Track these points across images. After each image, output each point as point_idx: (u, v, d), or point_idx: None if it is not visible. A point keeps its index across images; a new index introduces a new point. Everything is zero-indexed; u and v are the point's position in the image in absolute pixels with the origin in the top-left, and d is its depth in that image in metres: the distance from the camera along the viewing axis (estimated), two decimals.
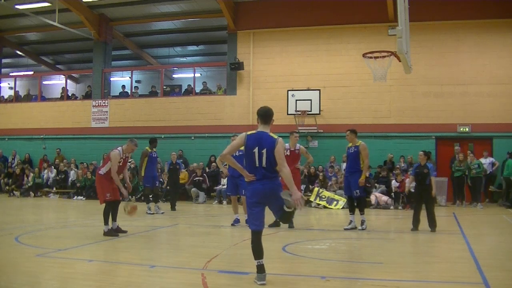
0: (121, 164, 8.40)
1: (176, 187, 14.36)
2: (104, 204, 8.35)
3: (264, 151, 5.07)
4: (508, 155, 15.08)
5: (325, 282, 5.24)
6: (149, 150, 12.44)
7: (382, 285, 5.24)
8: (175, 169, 14.07)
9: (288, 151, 9.42)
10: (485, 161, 15.26)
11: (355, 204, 9.51)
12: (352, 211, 9.53)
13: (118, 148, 8.43)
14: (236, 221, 9.80)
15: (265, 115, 5.25)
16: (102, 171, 8.30)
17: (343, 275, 5.69)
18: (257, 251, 5.12)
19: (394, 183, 14.68)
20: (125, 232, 8.54)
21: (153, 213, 12.19)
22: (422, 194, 9.25)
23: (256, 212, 5.16)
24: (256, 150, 5.10)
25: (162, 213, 12.38)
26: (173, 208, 13.44)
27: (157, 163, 12.83)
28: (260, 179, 5.11)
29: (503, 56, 16.16)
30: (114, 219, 8.51)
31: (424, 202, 9.21)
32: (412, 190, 13.89)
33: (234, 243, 7.78)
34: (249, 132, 5.26)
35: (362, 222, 9.41)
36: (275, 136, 5.16)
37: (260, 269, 5.08)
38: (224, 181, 15.73)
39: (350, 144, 9.65)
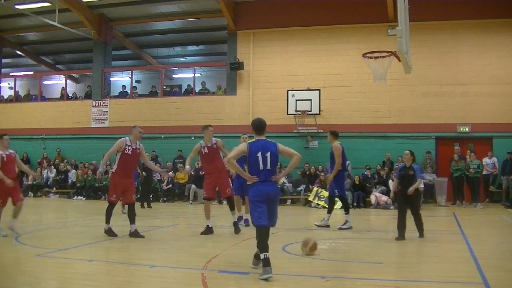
0: (129, 153, 8.12)
1: (149, 186, 14.63)
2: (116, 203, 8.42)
3: (269, 154, 5.65)
4: (509, 155, 15.09)
5: (325, 282, 5.24)
6: None
7: (382, 285, 5.24)
8: (148, 168, 14.06)
9: (206, 148, 8.74)
10: (489, 161, 15.26)
11: (337, 203, 9.73)
12: (346, 211, 9.63)
13: (125, 137, 8.28)
14: (239, 218, 9.67)
15: (259, 127, 5.82)
16: (114, 168, 8.26)
17: (343, 275, 5.69)
18: (263, 245, 5.39)
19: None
20: (142, 237, 8.07)
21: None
22: (407, 198, 8.32)
23: (260, 210, 5.55)
24: (259, 154, 5.63)
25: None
26: (148, 206, 14.01)
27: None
28: (263, 181, 5.61)
29: (503, 56, 16.15)
30: (132, 222, 8.18)
31: (409, 206, 8.37)
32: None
33: (234, 243, 7.77)
34: (249, 141, 5.84)
35: (326, 218, 9.63)
36: (273, 141, 5.82)
37: (267, 262, 5.26)
38: None
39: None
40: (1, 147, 8.19)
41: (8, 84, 25.12)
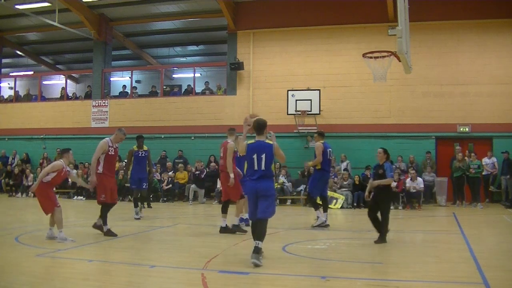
0: (112, 153, 8.35)
1: (149, 186, 13.95)
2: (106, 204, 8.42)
3: (264, 155, 6.17)
4: (505, 155, 15.05)
5: (325, 282, 5.24)
6: (135, 149, 11.51)
7: (382, 285, 5.25)
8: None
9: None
10: (489, 161, 15.25)
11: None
12: (324, 209, 9.73)
13: (106, 138, 8.44)
14: (240, 220, 9.69)
15: (258, 128, 6.34)
16: (99, 169, 8.26)
17: (343, 275, 5.69)
18: (254, 235, 6.04)
19: (392, 184, 14.59)
20: (115, 235, 8.27)
21: (139, 218, 11.11)
22: (377, 197, 8.11)
23: (253, 206, 6.19)
24: (255, 156, 6.19)
25: (140, 217, 11.19)
26: (148, 206, 13.88)
27: (147, 164, 12.10)
28: (256, 179, 6.16)
29: (503, 56, 16.14)
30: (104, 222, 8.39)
31: (379, 206, 8.10)
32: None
33: (234, 243, 7.77)
34: (249, 142, 6.37)
35: (317, 219, 9.65)
36: (270, 142, 6.33)
37: (256, 250, 5.85)
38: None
39: None
40: (65, 161, 8.09)
41: (8, 84, 25.12)
